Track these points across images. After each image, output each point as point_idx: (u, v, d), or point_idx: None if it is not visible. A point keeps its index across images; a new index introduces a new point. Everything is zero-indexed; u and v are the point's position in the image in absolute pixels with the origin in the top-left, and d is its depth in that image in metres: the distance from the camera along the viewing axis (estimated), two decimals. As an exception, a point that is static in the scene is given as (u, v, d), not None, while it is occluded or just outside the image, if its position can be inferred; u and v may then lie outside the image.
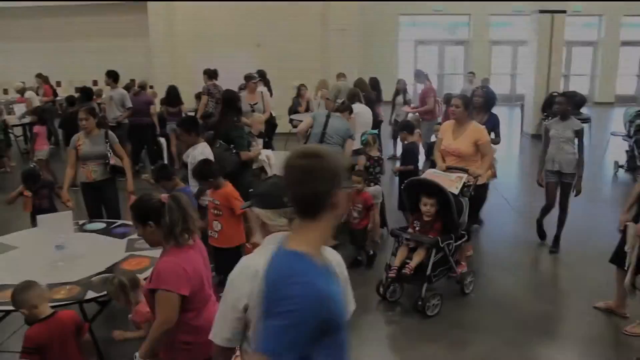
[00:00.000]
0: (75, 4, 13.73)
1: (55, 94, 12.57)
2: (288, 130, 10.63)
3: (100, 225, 5.11)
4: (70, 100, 10.53)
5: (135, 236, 4.73)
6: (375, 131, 7.20)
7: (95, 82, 13.94)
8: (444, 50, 21.45)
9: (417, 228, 5.14)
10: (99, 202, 5.93)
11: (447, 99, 10.31)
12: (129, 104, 9.68)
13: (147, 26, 13.47)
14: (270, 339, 1.78)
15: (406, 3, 19.25)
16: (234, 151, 5.66)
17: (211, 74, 9.88)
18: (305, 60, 13.29)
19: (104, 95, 10.58)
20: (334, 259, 2.29)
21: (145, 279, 3.99)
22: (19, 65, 14.57)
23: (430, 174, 5.34)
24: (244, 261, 2.23)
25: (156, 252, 4.30)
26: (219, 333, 2.23)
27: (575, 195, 6.22)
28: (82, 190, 6.04)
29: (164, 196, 2.94)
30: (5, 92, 13.79)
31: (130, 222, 5.14)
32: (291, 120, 10.85)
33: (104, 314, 4.40)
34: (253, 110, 8.06)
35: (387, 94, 11.34)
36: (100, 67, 13.82)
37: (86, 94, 9.61)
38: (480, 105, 6.11)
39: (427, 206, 5.03)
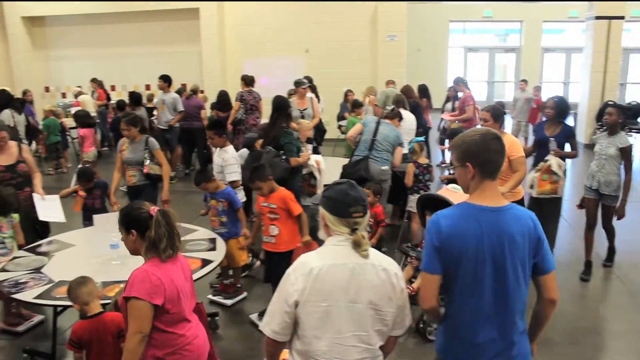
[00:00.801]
0: (129, 11, 14.09)
1: (108, 98, 12.91)
2: (336, 136, 10.65)
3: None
4: (120, 104, 10.82)
5: (187, 237, 4.83)
6: (422, 138, 7.13)
7: (147, 87, 14.29)
8: (494, 57, 21.15)
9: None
10: None
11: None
12: (181, 108, 9.87)
13: (198, 32, 13.72)
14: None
15: (456, 9, 19.08)
16: (284, 157, 5.69)
17: (247, 81, 9.95)
18: (353, 66, 13.32)
19: (155, 99, 10.79)
20: (391, 268, 2.34)
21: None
22: (74, 70, 15.06)
23: (446, 190, 4.94)
24: (303, 258, 2.32)
25: (209, 255, 4.41)
26: (269, 324, 2.32)
27: (618, 219, 5.76)
28: (127, 192, 6.37)
29: (153, 209, 2.90)
30: (63, 95, 14.25)
31: (182, 224, 5.27)
32: (340, 126, 10.87)
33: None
34: (302, 117, 8.09)
35: (436, 101, 11.25)
36: (153, 72, 14.18)
37: (135, 98, 9.79)
38: (552, 116, 5.77)
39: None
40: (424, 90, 10.54)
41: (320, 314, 2.25)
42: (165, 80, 9.91)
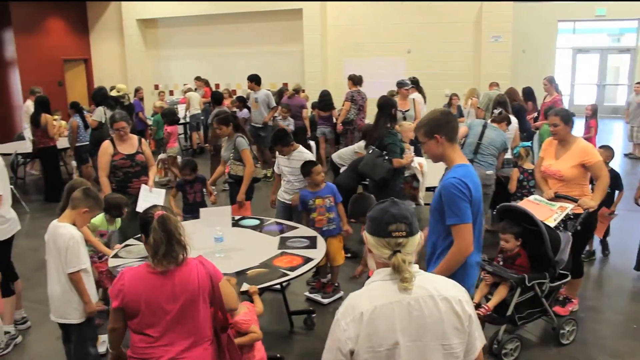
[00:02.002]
0: (235, 13, 14.51)
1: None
2: (436, 138, 10.44)
3: (254, 221, 5.32)
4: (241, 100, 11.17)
5: (287, 234, 4.90)
6: (528, 143, 6.85)
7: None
8: (606, 59, 20.00)
9: (500, 262, 4.55)
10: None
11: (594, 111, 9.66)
12: (273, 104, 10.05)
13: (301, 32, 13.92)
14: None
15: (566, 8, 18.20)
16: (386, 157, 5.64)
17: (356, 80, 9.95)
18: (456, 68, 13.04)
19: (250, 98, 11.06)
20: (453, 294, 2.10)
21: (289, 279, 4.11)
22: (182, 69, 15.73)
23: (528, 202, 4.73)
24: (352, 300, 2.08)
25: (309, 252, 4.43)
26: None
27: None
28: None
29: (158, 213, 2.78)
30: (171, 93, 14.94)
31: (281, 221, 5.36)
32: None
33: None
34: (404, 118, 8.01)
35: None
36: (256, 71, 14.55)
37: (215, 98, 9.94)
38: None
39: (503, 241, 4.49)
40: (529, 94, 10.14)
41: None
42: (252, 79, 10.09)
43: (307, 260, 4.25)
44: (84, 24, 16.52)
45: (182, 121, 12.71)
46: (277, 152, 5.98)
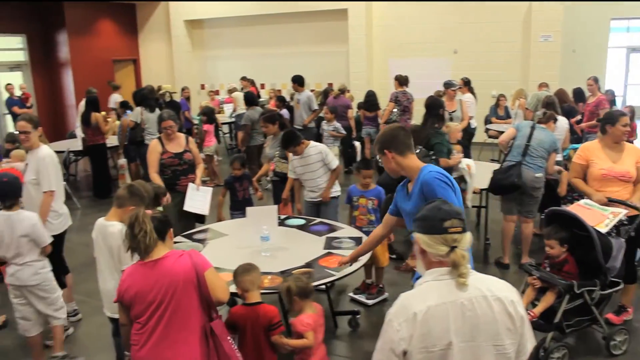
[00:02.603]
0: (280, 13, 14.58)
1: (258, 96, 13.45)
2: (483, 140, 10.29)
3: (300, 221, 5.32)
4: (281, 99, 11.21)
5: (332, 234, 4.89)
6: (579, 145, 6.66)
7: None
8: (662, 59, 19.34)
9: (547, 268, 4.41)
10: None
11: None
12: (315, 106, 10.04)
13: (346, 32, 13.90)
14: None
15: (620, 6, 17.66)
16: (433, 157, 5.58)
17: (402, 81, 9.86)
18: (503, 68, 12.80)
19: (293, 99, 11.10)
20: (506, 295, 2.08)
21: (334, 279, 4.09)
22: (227, 69, 15.89)
23: (578, 206, 4.54)
24: (405, 300, 2.08)
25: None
26: None
27: None
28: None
29: (147, 212, 3.03)
30: (217, 93, 15.11)
31: (327, 221, 5.35)
32: (487, 130, 10.52)
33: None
34: (451, 119, 7.91)
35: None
36: (301, 71, 14.57)
37: (248, 98, 9.91)
38: None
39: (548, 247, 4.34)
40: (579, 94, 9.88)
41: None
42: (295, 81, 10.11)
43: (352, 261, 4.23)
44: (133, 25, 16.87)
45: (228, 120, 12.85)
46: (286, 158, 6.11)
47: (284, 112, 10.18)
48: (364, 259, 4.27)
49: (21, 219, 4.18)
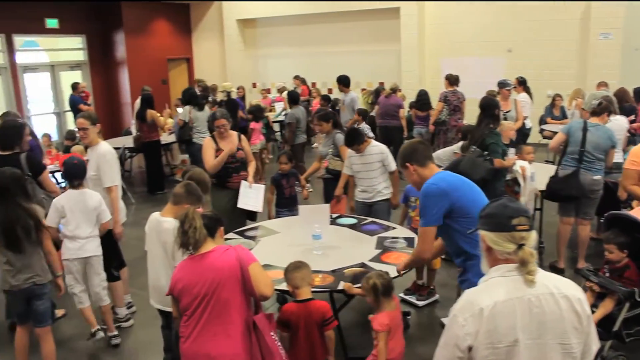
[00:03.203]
0: (332, 12, 14.58)
1: (310, 94, 13.51)
2: (537, 141, 10.04)
3: (351, 220, 5.31)
4: (324, 97, 11.18)
5: (384, 234, 4.86)
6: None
7: (346, 85, 14.69)
8: None
9: (606, 273, 4.27)
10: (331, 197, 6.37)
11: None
12: (358, 107, 10.01)
13: (398, 31, 13.79)
14: None
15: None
16: (487, 157, 5.47)
17: (452, 80, 9.72)
18: (560, 67, 12.46)
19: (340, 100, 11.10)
20: (573, 293, 2.06)
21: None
22: (279, 68, 15.99)
23: None
24: (470, 296, 2.08)
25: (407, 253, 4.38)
26: None
27: None
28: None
29: (199, 210, 3.17)
30: (268, 91, 15.19)
31: (379, 221, 5.32)
32: (542, 131, 10.27)
33: (350, 305, 4.57)
34: (505, 119, 7.75)
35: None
36: (352, 70, 14.53)
37: (292, 97, 9.93)
38: None
39: (607, 252, 4.19)
40: (641, 94, 9.51)
41: (498, 357, 2.01)
42: (341, 81, 10.10)
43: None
44: (187, 24, 17.16)
45: (280, 118, 12.92)
46: (339, 156, 6.17)
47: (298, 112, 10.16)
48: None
49: (91, 195, 4.64)
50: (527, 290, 2.02)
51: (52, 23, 13.86)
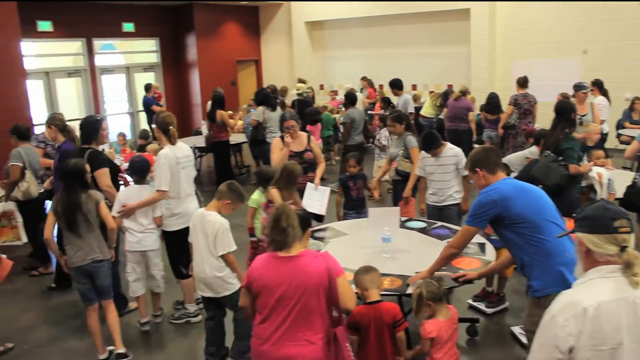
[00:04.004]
0: (401, 14, 14.48)
1: (376, 96, 13.46)
2: (614, 146, 9.64)
3: (421, 224, 5.26)
4: (386, 100, 11.20)
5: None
6: None
7: (414, 87, 14.59)
8: None
9: None
10: (399, 198, 6.33)
11: None
12: (411, 110, 9.91)
13: (468, 32, 13.56)
14: None
15: None
16: (562, 163, 5.31)
17: (522, 83, 9.47)
18: (639, 69, 11.91)
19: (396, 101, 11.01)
20: None
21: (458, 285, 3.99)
22: (346, 70, 16.01)
23: None
24: (570, 296, 2.03)
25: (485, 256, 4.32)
26: None
27: None
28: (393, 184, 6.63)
29: (292, 207, 3.19)
30: (335, 93, 15.24)
31: (449, 225, 5.25)
32: (619, 135, 9.87)
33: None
34: (581, 123, 7.50)
35: None
36: (420, 72, 14.49)
37: (350, 98, 9.95)
38: None
39: None
40: None
41: None
42: (393, 85, 10.07)
43: (486, 263, 4.16)
44: (256, 27, 17.45)
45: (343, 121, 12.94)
46: (410, 157, 6.13)
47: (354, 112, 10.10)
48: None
49: (149, 190, 5.01)
50: (631, 292, 1.99)
51: (128, 27, 14.42)
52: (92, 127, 5.34)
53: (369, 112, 12.31)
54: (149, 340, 5.12)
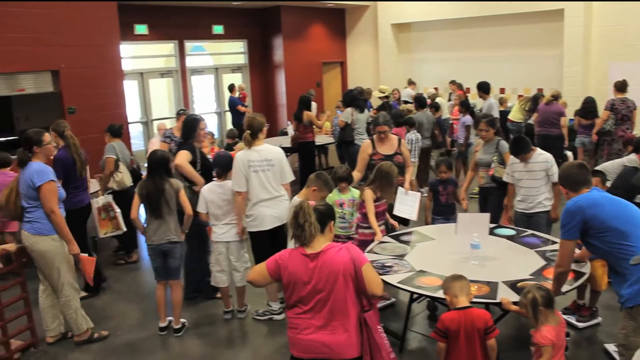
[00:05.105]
0: (491, 15, 14.13)
1: (466, 100, 13.16)
2: None
3: (510, 231, 5.13)
4: (465, 104, 10.96)
5: (544, 248, 4.63)
6: None
7: (502, 90, 14.21)
8: None
9: None
10: (486, 207, 6.15)
11: None
12: (495, 114, 9.60)
13: (561, 34, 13.05)
14: None
15: None
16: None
17: (620, 87, 9.01)
18: None
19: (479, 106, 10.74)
20: None
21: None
22: (432, 72, 15.81)
23: None
24: None
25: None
26: None
27: None
28: (478, 193, 6.34)
29: (311, 203, 3.24)
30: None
31: (539, 234, 5.08)
32: None
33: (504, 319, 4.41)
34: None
35: None
36: (509, 75, 14.08)
37: (419, 101, 9.83)
38: None
39: None
40: None
41: None
42: (481, 87, 9.86)
43: (579, 275, 4.01)
44: (342, 28, 17.53)
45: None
46: (504, 163, 5.89)
47: (467, 119, 9.86)
48: (581, 278, 4.01)
49: (229, 187, 5.16)
50: None
51: (218, 29, 14.87)
52: (191, 125, 5.71)
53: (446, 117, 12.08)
54: (230, 333, 5.28)
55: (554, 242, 4.77)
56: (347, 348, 3.03)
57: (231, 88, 13.59)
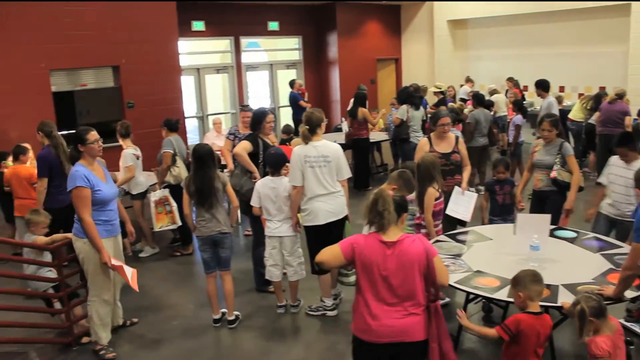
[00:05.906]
0: (551, 11, 13.74)
1: (523, 98, 12.86)
2: None
3: (571, 233, 4.97)
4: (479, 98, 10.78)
5: (609, 252, 4.47)
6: None
7: (561, 88, 13.82)
8: None
9: None
10: (541, 211, 5.70)
11: None
12: (556, 113, 9.29)
13: (626, 30, 12.58)
14: None
15: None
16: None
17: None
18: None
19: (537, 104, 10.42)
20: None
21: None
22: (489, 70, 15.50)
23: None
24: None
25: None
26: None
27: None
28: (532, 195, 5.96)
29: (390, 192, 3.27)
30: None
31: (602, 237, 4.91)
32: None
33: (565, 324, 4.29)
34: None
35: None
36: (569, 73, 13.65)
37: (477, 98, 9.66)
38: None
39: None
40: None
41: None
42: (539, 85, 9.55)
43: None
44: (397, 25, 17.40)
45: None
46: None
47: (518, 119, 9.60)
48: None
49: (284, 182, 5.23)
50: None
51: (273, 25, 14.99)
52: (258, 118, 5.89)
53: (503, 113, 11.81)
54: (283, 327, 5.32)
55: (619, 246, 4.60)
56: (417, 332, 3.12)
57: (292, 84, 13.69)
